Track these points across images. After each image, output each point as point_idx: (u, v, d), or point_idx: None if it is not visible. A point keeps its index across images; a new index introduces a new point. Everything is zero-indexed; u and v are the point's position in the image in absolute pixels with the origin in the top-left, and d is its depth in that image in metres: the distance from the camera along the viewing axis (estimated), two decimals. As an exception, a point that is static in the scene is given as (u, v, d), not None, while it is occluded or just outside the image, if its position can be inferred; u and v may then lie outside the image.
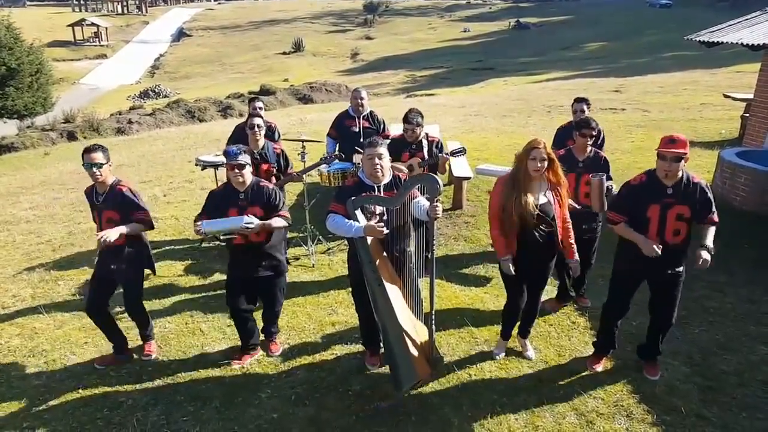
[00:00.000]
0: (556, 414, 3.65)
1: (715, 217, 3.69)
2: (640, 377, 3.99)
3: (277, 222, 4.00)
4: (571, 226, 3.94)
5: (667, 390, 3.85)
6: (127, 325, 4.59)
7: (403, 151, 5.33)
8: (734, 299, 5.06)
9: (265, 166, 5.22)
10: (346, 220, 3.66)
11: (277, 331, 4.49)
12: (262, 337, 4.47)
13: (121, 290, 4.31)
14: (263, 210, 3.99)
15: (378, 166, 3.68)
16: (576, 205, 4.43)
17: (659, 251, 3.55)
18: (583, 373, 4.05)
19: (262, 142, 5.31)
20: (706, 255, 3.55)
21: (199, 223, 3.84)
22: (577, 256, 3.95)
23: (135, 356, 4.39)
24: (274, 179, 5.26)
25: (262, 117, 5.54)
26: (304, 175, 5.57)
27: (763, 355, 4.24)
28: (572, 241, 3.94)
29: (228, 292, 4.20)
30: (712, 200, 3.67)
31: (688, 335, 4.51)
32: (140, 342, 4.49)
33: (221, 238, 3.99)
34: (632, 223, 3.73)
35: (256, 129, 5.23)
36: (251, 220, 3.81)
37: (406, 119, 5.28)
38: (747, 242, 5.99)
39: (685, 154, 3.51)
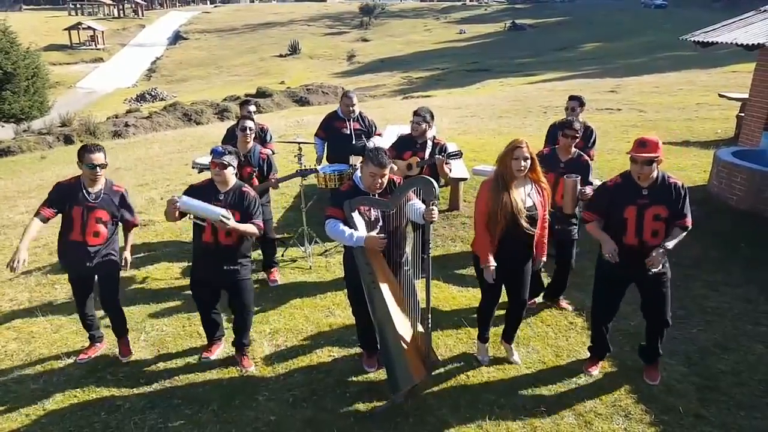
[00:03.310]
0: (554, 414, 3.65)
1: (688, 222, 3.65)
2: (638, 377, 3.99)
3: (249, 228, 3.97)
4: (547, 226, 3.96)
5: (665, 390, 3.85)
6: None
7: (407, 149, 5.34)
8: (731, 299, 5.07)
9: (248, 169, 5.21)
10: (346, 229, 3.64)
11: (248, 344, 4.35)
12: (233, 351, 4.36)
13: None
14: (240, 216, 3.96)
15: (379, 183, 3.68)
16: (588, 192, 4.46)
17: (615, 257, 3.60)
18: (581, 374, 4.06)
19: (251, 145, 5.32)
20: (656, 254, 3.54)
21: (177, 197, 3.80)
22: (544, 257, 4.00)
23: (110, 360, 4.38)
24: (255, 182, 5.23)
25: (253, 120, 5.55)
26: (279, 184, 5.53)
27: (761, 355, 4.25)
28: (545, 240, 3.97)
29: (192, 287, 4.28)
30: (687, 203, 3.65)
31: (685, 335, 4.52)
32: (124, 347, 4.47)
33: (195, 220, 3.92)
34: (611, 225, 3.75)
35: (248, 132, 5.24)
36: (229, 216, 3.79)
37: (416, 112, 5.32)
38: (743, 242, 6.01)
39: (657, 156, 3.52)
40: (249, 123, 5.29)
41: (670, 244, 3.60)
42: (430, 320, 3.58)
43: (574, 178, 4.32)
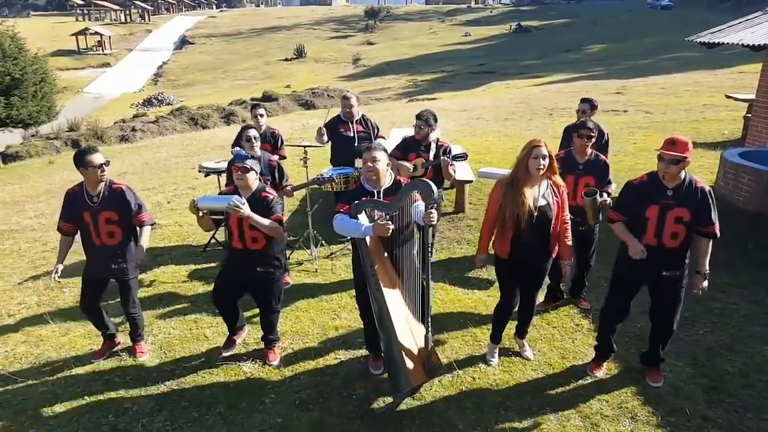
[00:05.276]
0: (560, 417, 3.64)
1: (715, 230, 3.59)
2: (644, 379, 3.98)
3: (266, 221, 3.94)
4: (569, 227, 3.94)
5: (671, 391, 3.84)
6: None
7: (411, 151, 5.37)
8: (738, 300, 5.05)
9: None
10: (355, 221, 3.67)
11: (276, 339, 4.45)
12: (261, 345, 4.47)
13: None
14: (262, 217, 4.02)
15: (371, 170, 3.72)
16: (608, 200, 4.49)
17: (644, 254, 3.58)
18: (587, 376, 4.05)
19: (258, 153, 5.30)
20: (704, 283, 3.62)
21: (195, 198, 3.92)
22: (572, 258, 3.97)
23: (129, 357, 4.43)
24: None
25: (256, 127, 5.57)
26: (295, 192, 5.51)
27: (768, 356, 4.23)
28: (569, 242, 3.94)
29: (215, 288, 4.34)
30: (714, 209, 3.57)
31: (692, 336, 4.50)
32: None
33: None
34: (632, 223, 3.73)
35: (253, 141, 5.23)
36: (241, 201, 3.83)
37: (418, 116, 5.33)
38: (751, 243, 5.98)
39: (685, 157, 3.46)
40: (252, 132, 5.28)
41: (707, 265, 3.64)
42: (430, 323, 3.58)
43: (591, 195, 4.28)
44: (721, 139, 10.68)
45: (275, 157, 5.54)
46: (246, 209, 3.84)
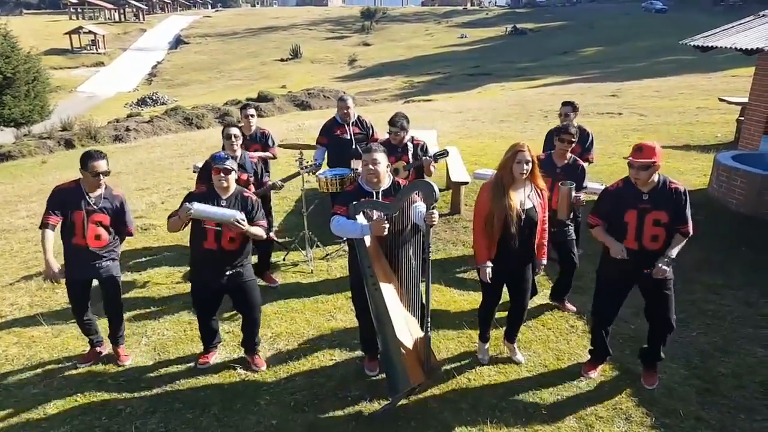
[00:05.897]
0: (555, 418, 3.65)
1: (689, 228, 3.65)
2: (638, 380, 3.99)
3: (257, 230, 4.02)
4: (547, 228, 3.98)
5: (665, 393, 3.86)
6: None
7: (390, 154, 5.38)
8: (732, 302, 5.07)
9: (243, 176, 5.04)
10: (352, 221, 3.66)
11: (258, 343, 4.37)
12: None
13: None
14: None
15: (373, 172, 3.71)
16: (582, 198, 4.48)
17: (624, 254, 3.64)
18: (582, 377, 4.06)
19: (239, 151, 5.19)
20: (662, 265, 3.57)
21: (189, 204, 3.73)
22: (545, 260, 4.02)
23: (111, 364, 4.39)
24: (252, 188, 5.09)
25: (246, 128, 5.53)
26: (285, 183, 5.50)
27: (761, 357, 4.25)
28: (545, 242, 3.98)
29: (193, 293, 4.24)
30: (688, 209, 3.63)
31: (685, 338, 4.52)
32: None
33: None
34: (612, 228, 3.77)
35: (233, 139, 5.11)
36: (243, 217, 3.81)
37: (392, 122, 5.40)
38: (744, 245, 6.01)
39: (654, 162, 3.52)
40: (234, 130, 5.14)
41: (673, 253, 3.61)
42: (429, 324, 3.58)
43: (569, 185, 4.33)
44: (715, 142, 10.75)
45: (255, 155, 5.50)
46: (246, 225, 3.84)
